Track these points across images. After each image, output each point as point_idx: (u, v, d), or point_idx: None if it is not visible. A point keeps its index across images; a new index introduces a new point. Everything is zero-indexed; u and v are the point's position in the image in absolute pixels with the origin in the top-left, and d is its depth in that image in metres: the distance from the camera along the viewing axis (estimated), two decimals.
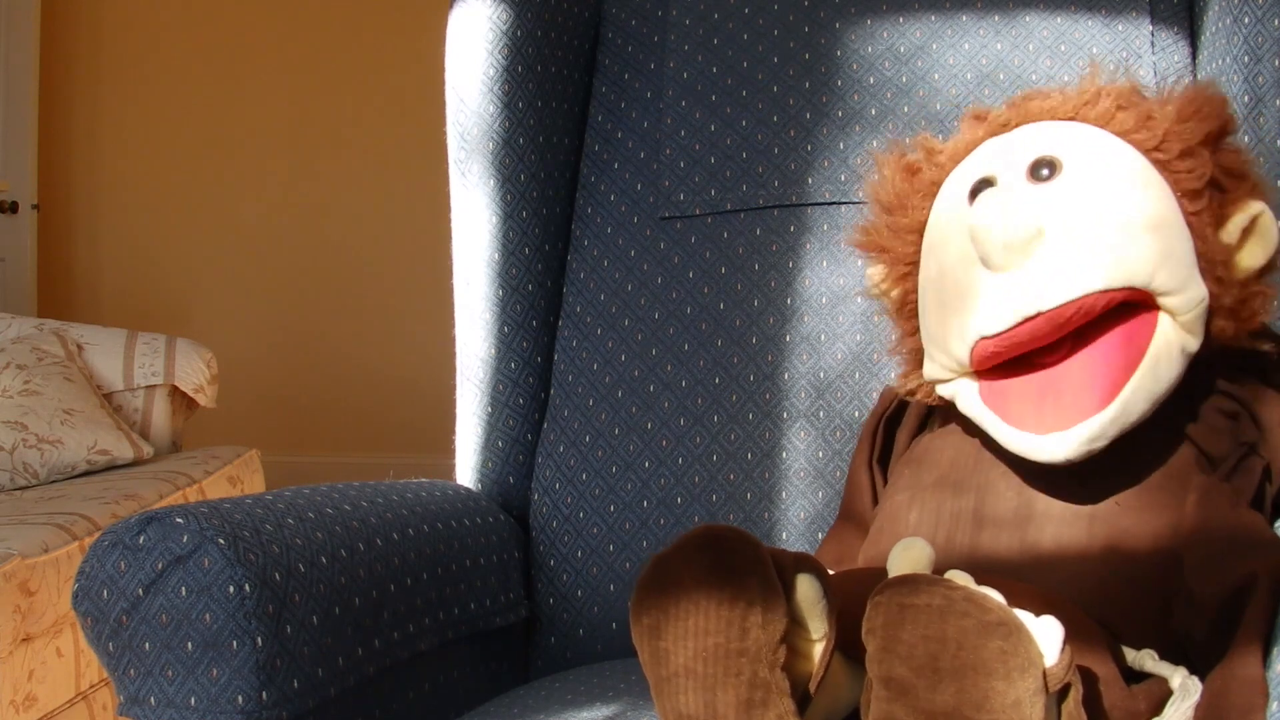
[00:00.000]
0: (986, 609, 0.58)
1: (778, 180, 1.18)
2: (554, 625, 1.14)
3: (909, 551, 0.67)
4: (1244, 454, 0.82)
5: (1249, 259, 0.81)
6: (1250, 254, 0.81)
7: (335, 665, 0.85)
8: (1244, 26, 0.97)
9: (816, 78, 1.20)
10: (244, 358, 3.64)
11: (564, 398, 1.18)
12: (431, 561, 0.99)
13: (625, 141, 1.25)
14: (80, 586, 0.81)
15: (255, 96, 3.78)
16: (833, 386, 1.11)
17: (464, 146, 1.20)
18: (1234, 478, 0.81)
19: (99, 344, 2.58)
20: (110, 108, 3.84)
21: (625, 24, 1.29)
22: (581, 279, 1.21)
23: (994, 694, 0.57)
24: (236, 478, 2.42)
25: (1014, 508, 0.81)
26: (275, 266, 3.79)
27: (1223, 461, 0.81)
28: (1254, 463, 0.81)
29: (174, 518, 0.80)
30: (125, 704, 0.80)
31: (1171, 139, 0.80)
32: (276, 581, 0.81)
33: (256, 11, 3.77)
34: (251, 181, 3.79)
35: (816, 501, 1.08)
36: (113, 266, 3.87)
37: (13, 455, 2.21)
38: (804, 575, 0.66)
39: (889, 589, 0.60)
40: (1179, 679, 0.70)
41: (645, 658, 0.66)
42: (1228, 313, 0.80)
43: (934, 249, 0.87)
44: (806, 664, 0.67)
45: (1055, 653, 0.60)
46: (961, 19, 1.18)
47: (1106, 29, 1.14)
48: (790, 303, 1.14)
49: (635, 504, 1.12)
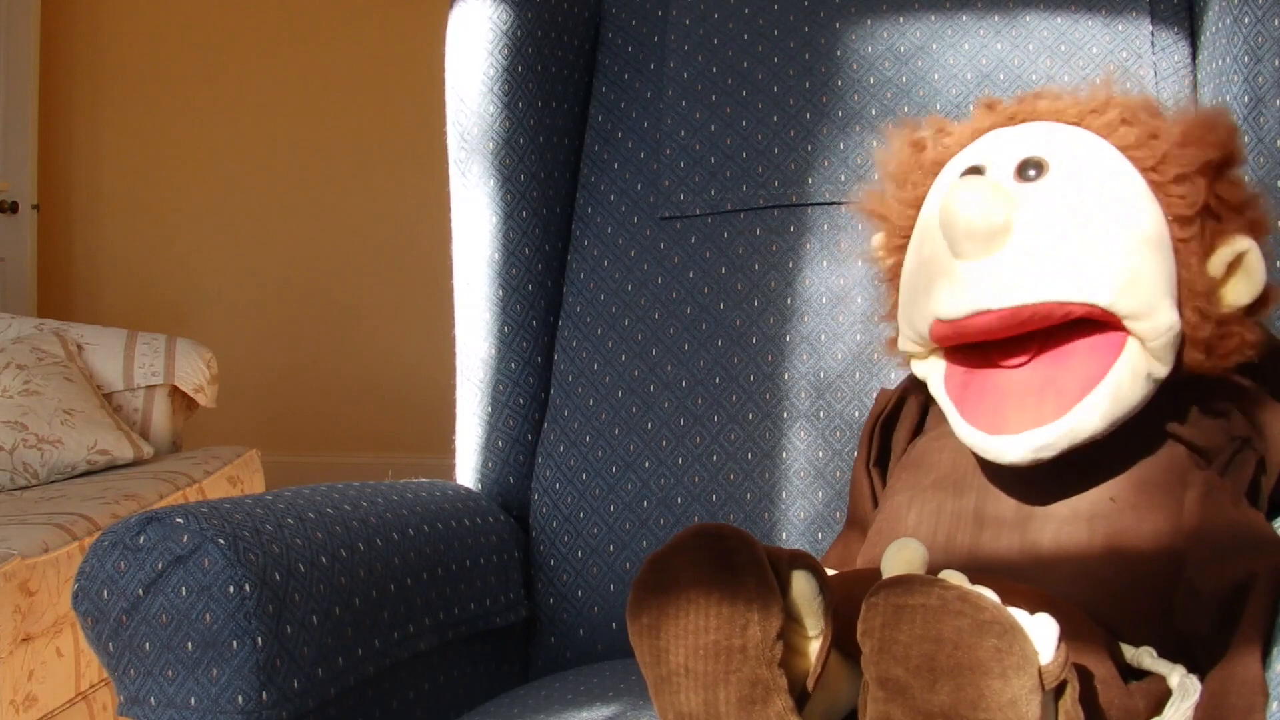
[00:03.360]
0: (981, 608, 0.58)
1: (778, 180, 1.18)
2: (554, 625, 1.14)
3: (903, 552, 0.67)
4: (1238, 448, 0.82)
5: (1233, 295, 0.80)
6: (1235, 290, 0.80)
7: (335, 665, 0.85)
8: (1244, 26, 0.97)
9: (816, 78, 1.20)
10: (244, 358, 3.64)
11: (564, 398, 1.18)
12: (431, 561, 0.99)
13: (625, 141, 1.25)
14: (80, 586, 0.81)
15: (255, 96, 3.78)
16: (833, 386, 1.11)
17: (464, 146, 1.20)
18: (1228, 472, 0.81)
19: (99, 344, 2.58)
20: (110, 107, 3.84)
21: (625, 24, 1.29)
22: (581, 279, 1.22)
23: (990, 693, 0.57)
24: (236, 478, 2.42)
25: (1014, 508, 0.82)
26: (275, 266, 3.79)
27: (1216, 455, 0.81)
28: (1248, 456, 0.81)
29: (174, 518, 0.80)
30: (125, 704, 0.80)
31: (1170, 161, 0.79)
32: (276, 581, 0.81)
33: (256, 12, 3.77)
34: (251, 181, 3.79)
35: (816, 501, 1.08)
36: (113, 266, 3.87)
37: (13, 455, 2.21)
38: (799, 571, 0.66)
39: (884, 590, 0.60)
40: (1177, 677, 0.70)
41: (643, 657, 0.66)
42: (1203, 345, 0.79)
43: (922, 227, 0.87)
44: (804, 661, 0.67)
45: (1051, 651, 0.60)
46: (961, 19, 1.18)
47: (1106, 29, 1.14)
48: (790, 303, 1.14)
49: (635, 504, 1.12)
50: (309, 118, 3.75)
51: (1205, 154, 0.79)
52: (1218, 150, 0.80)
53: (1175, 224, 0.79)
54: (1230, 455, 0.81)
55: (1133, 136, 0.81)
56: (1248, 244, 0.79)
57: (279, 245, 3.79)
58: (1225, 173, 0.81)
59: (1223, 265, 0.79)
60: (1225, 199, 0.80)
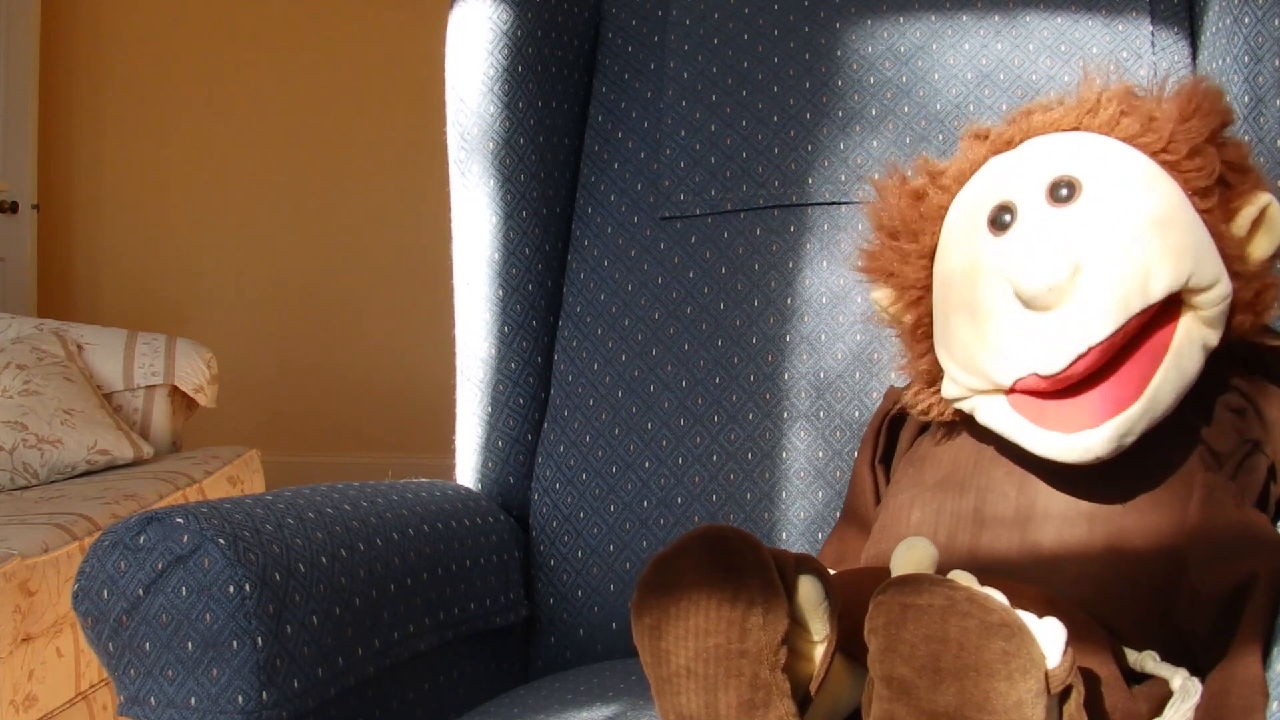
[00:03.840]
0: (989, 610, 0.58)
1: (778, 180, 1.18)
2: (554, 625, 1.14)
3: (912, 551, 0.67)
4: (1249, 451, 0.82)
5: (1259, 250, 0.81)
6: (1259, 245, 0.81)
7: (335, 665, 0.85)
8: (1244, 26, 0.97)
9: (816, 78, 1.19)
10: (244, 358, 3.64)
11: (564, 398, 1.18)
12: (431, 561, 0.99)
13: (625, 141, 1.25)
14: (80, 586, 0.81)
15: (255, 96, 3.77)
16: (833, 386, 1.11)
17: (464, 146, 1.20)
18: (1238, 476, 0.81)
19: (99, 344, 2.58)
20: (110, 107, 3.84)
21: (625, 24, 1.29)
22: (581, 279, 1.21)
23: (995, 695, 0.57)
24: (236, 478, 2.42)
25: (1015, 508, 0.81)
26: (275, 266, 3.79)
27: (1228, 459, 0.81)
28: (1258, 461, 0.81)
29: (174, 518, 0.80)
30: (125, 704, 0.80)
31: (1178, 139, 0.80)
32: (277, 581, 0.81)
33: (256, 12, 3.77)
34: (251, 181, 3.79)
35: (816, 501, 1.08)
36: (113, 266, 3.86)
37: (13, 455, 2.21)
38: (806, 576, 0.66)
39: (892, 589, 0.60)
40: (1179, 680, 0.70)
41: (646, 658, 0.66)
42: (1247, 306, 0.81)
43: (951, 280, 0.85)
44: (808, 665, 0.67)
45: (1057, 654, 0.60)
46: (961, 19, 1.18)
47: (1106, 29, 1.14)
48: (790, 303, 1.14)
49: (635, 504, 1.12)
50: (309, 118, 3.75)
51: (1208, 123, 0.80)
52: (1217, 116, 0.81)
53: (1196, 197, 0.80)
54: (1241, 458, 0.81)
55: (1135, 126, 0.82)
56: (1268, 198, 0.81)
57: (279, 245, 3.79)
58: (1225, 137, 0.82)
59: (1247, 223, 0.81)
60: (1232, 162, 0.81)
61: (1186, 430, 0.82)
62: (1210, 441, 0.81)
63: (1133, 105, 0.83)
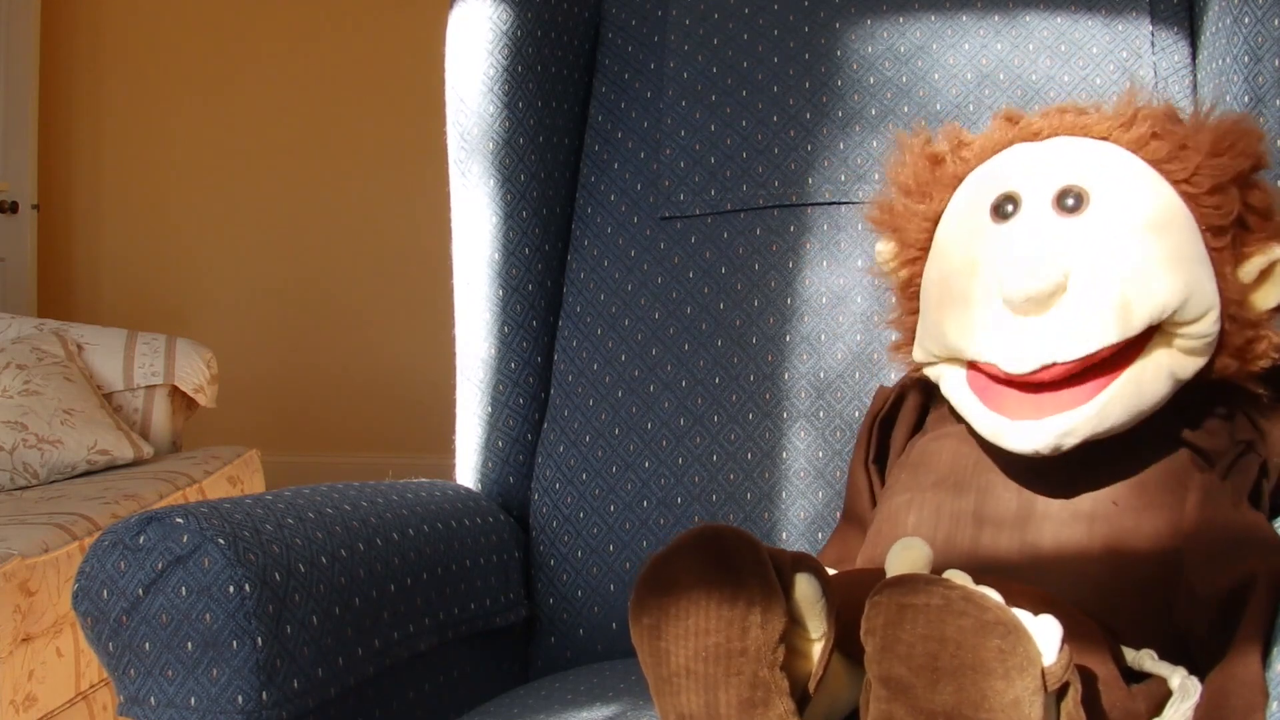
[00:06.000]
0: (985, 608, 0.58)
1: (778, 180, 1.18)
2: (554, 625, 1.14)
3: (908, 551, 0.67)
4: (1241, 451, 0.82)
5: (1262, 300, 0.80)
6: (1264, 296, 0.80)
7: (335, 665, 0.85)
8: (1244, 26, 0.97)
9: (816, 78, 1.20)
10: (244, 358, 3.64)
11: (564, 398, 1.18)
12: (431, 561, 0.99)
13: (625, 141, 1.25)
14: (80, 586, 0.81)
15: (255, 96, 3.78)
16: (833, 386, 1.11)
17: (464, 146, 1.20)
18: (1231, 475, 0.81)
19: (99, 344, 2.58)
20: (110, 107, 3.84)
21: (625, 24, 1.29)
22: (581, 279, 1.21)
23: (993, 693, 0.57)
24: (236, 478, 2.42)
25: (1014, 508, 0.82)
26: (275, 266, 3.79)
27: (1220, 458, 0.81)
28: (1251, 460, 0.82)
29: (174, 518, 0.80)
30: (125, 704, 0.80)
31: (1203, 173, 0.79)
32: (276, 581, 0.81)
33: (256, 12, 3.77)
34: (251, 181, 3.79)
35: (816, 501, 1.08)
36: (113, 266, 3.86)
37: (13, 455, 2.21)
38: (802, 574, 0.66)
39: (888, 589, 0.60)
40: (1178, 679, 0.70)
41: (645, 657, 0.66)
42: (1235, 351, 0.80)
43: (945, 250, 0.86)
44: (806, 663, 0.67)
45: (1054, 652, 0.60)
46: (961, 19, 1.18)
47: (1106, 29, 1.14)
48: (790, 303, 1.14)
49: (635, 504, 1.12)
50: (309, 117, 3.75)
51: (1237, 164, 0.79)
52: (1249, 159, 0.79)
53: (1209, 233, 0.79)
54: (1233, 458, 0.81)
55: (1164, 150, 0.80)
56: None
57: (279, 245, 3.79)
58: (1254, 180, 0.81)
59: (1255, 271, 0.80)
60: (1255, 206, 0.80)
61: (1179, 431, 0.82)
62: (1201, 444, 0.81)
63: (1166, 129, 0.82)
